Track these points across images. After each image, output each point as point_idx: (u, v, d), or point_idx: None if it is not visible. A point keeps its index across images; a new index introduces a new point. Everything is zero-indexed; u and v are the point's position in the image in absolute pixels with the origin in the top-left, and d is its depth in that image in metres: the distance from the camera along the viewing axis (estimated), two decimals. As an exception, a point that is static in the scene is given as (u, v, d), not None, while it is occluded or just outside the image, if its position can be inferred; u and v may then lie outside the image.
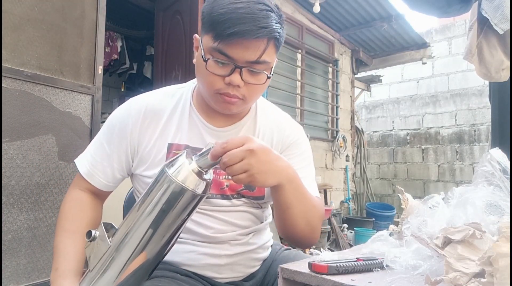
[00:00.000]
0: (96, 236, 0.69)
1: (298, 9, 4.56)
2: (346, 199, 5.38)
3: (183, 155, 0.69)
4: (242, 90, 0.80)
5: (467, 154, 5.83)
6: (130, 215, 0.69)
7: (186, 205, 0.67)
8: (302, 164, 0.95)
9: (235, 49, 0.76)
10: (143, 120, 0.89)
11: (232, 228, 0.89)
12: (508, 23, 1.64)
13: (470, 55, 1.81)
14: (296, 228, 0.83)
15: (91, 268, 0.69)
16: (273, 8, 0.78)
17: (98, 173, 0.89)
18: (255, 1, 0.76)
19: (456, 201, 0.64)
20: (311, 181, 0.94)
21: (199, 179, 0.68)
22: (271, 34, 0.76)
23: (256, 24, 0.74)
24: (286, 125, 0.99)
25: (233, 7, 0.74)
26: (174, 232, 0.69)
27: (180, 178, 0.66)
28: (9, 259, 1.64)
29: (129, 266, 0.67)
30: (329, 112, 5.20)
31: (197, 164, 0.68)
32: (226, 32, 0.73)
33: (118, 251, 0.67)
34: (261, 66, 0.80)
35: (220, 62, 0.78)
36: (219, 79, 0.79)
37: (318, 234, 0.88)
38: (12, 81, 1.66)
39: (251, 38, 0.74)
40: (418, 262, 0.61)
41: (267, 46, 0.78)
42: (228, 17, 0.73)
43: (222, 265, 0.89)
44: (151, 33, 3.98)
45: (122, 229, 0.68)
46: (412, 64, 6.03)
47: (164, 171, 0.67)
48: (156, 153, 0.88)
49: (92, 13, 2.00)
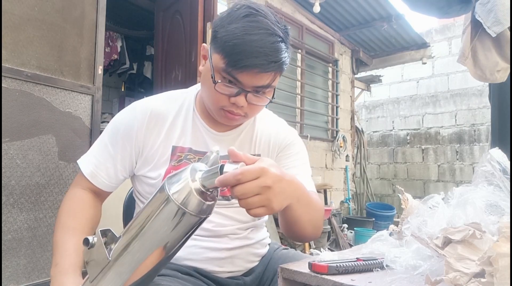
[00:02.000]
0: (93, 244, 0.66)
1: (298, 9, 4.56)
2: (346, 199, 5.38)
3: (187, 171, 0.63)
4: (245, 108, 0.85)
5: (467, 154, 5.84)
6: (129, 230, 0.66)
7: (186, 227, 0.63)
8: (298, 162, 0.99)
9: (245, 77, 0.80)
10: (149, 122, 0.92)
11: (232, 222, 0.93)
12: (500, 26, 1.67)
13: (463, 57, 1.84)
14: (304, 233, 0.86)
15: (91, 279, 0.69)
16: (283, 37, 0.82)
17: (101, 174, 0.91)
18: (268, 33, 0.79)
19: (456, 201, 0.64)
20: (308, 178, 0.98)
21: (202, 201, 0.62)
22: (280, 67, 0.82)
23: (267, 59, 0.78)
24: (282, 129, 1.03)
25: (247, 39, 0.78)
26: (174, 250, 0.67)
27: (181, 200, 0.60)
28: (9, 259, 1.64)
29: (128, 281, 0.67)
30: (329, 112, 5.21)
31: (201, 183, 0.62)
32: (239, 64, 0.78)
33: (117, 267, 0.65)
34: (265, 90, 0.85)
35: (228, 84, 0.82)
36: (225, 98, 0.84)
37: (321, 230, 0.92)
38: (12, 81, 1.66)
39: (262, 71, 0.79)
40: (418, 262, 0.61)
41: (274, 77, 0.84)
42: (242, 49, 0.77)
43: (222, 258, 0.91)
44: (151, 33, 3.98)
45: (121, 243, 0.66)
46: (412, 64, 6.03)
47: (165, 188, 0.61)
48: (161, 155, 0.91)
49: (92, 13, 2.00)
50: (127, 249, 0.65)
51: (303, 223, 0.82)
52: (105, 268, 0.66)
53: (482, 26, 1.75)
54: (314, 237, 0.90)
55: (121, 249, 0.66)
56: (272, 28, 0.80)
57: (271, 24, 0.81)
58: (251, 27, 0.79)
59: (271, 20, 0.81)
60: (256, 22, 0.79)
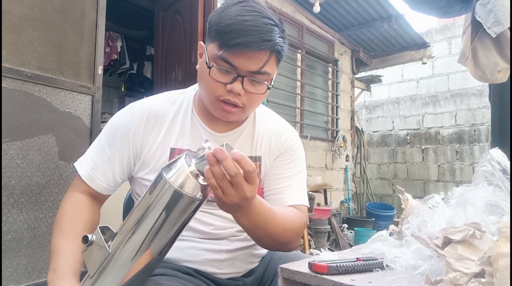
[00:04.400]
0: (93, 241, 0.67)
1: (298, 9, 4.56)
2: (346, 199, 5.38)
3: (182, 158, 0.66)
4: (242, 98, 0.83)
5: (467, 154, 5.84)
6: (128, 220, 0.68)
7: (185, 210, 0.66)
8: (294, 171, 0.98)
9: (239, 58, 0.79)
10: (146, 124, 0.90)
11: (231, 225, 0.91)
12: (500, 26, 1.67)
13: (463, 58, 1.84)
14: (262, 244, 0.86)
15: (91, 275, 0.68)
16: (277, 22, 0.82)
17: (99, 177, 0.89)
18: (261, 15, 0.80)
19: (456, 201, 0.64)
20: (299, 190, 0.96)
21: (198, 183, 0.65)
22: (274, 47, 0.80)
23: (260, 36, 0.77)
24: (283, 131, 1.02)
25: (240, 19, 0.78)
26: (174, 235, 0.68)
27: (178, 183, 0.63)
28: (9, 259, 1.64)
29: (130, 272, 0.67)
30: (329, 112, 5.20)
31: (196, 167, 0.66)
32: (232, 42, 0.77)
33: (118, 258, 0.66)
34: (262, 77, 0.83)
35: (224, 70, 0.81)
36: (220, 86, 0.82)
37: (293, 246, 0.90)
38: (12, 81, 1.66)
39: (255, 49, 0.78)
40: (418, 262, 0.61)
41: (269, 58, 0.81)
42: (235, 28, 0.77)
43: (222, 260, 0.91)
44: (151, 33, 3.98)
45: (121, 235, 0.67)
46: (412, 64, 6.03)
47: (162, 175, 0.65)
48: (159, 158, 0.90)
49: (92, 13, 2.00)
50: (127, 238, 0.66)
51: (256, 235, 0.81)
52: (105, 262, 0.66)
53: (483, 27, 1.75)
54: (281, 249, 0.91)
55: (121, 239, 0.66)
56: (265, 12, 0.81)
57: (264, 10, 0.82)
58: (244, 10, 0.80)
59: (264, 7, 0.83)
60: (249, 7, 0.81)
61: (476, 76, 1.86)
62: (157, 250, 0.68)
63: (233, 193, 0.65)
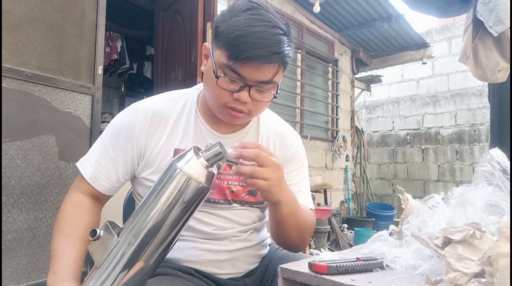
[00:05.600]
0: (100, 235, 0.70)
1: (298, 9, 4.56)
2: (346, 199, 5.38)
3: (191, 151, 0.74)
4: (248, 105, 0.84)
5: (467, 154, 5.83)
6: (139, 209, 0.72)
7: (195, 196, 0.73)
8: (299, 177, 1.01)
9: (248, 70, 0.79)
10: (151, 124, 0.90)
11: (232, 225, 0.92)
12: (502, 25, 1.67)
13: (465, 57, 1.84)
14: (289, 239, 0.92)
15: (98, 265, 0.69)
16: (285, 31, 0.82)
17: (102, 177, 0.89)
18: (270, 25, 0.79)
19: (456, 201, 0.64)
20: (307, 195, 1.01)
21: (206, 172, 0.73)
22: (283, 59, 0.81)
23: (270, 49, 0.77)
24: (288, 137, 1.03)
25: (249, 30, 0.77)
26: (182, 223, 0.74)
27: (189, 170, 0.71)
28: (9, 259, 1.64)
29: (141, 259, 0.70)
30: (329, 112, 5.20)
31: (204, 158, 0.74)
32: (242, 56, 0.77)
33: (130, 245, 0.70)
34: (269, 86, 0.83)
35: (231, 79, 0.81)
36: (227, 93, 0.82)
37: (308, 243, 0.98)
38: (12, 81, 1.66)
39: (265, 63, 0.78)
40: (418, 262, 0.61)
41: (278, 70, 0.82)
42: (244, 40, 0.76)
43: (223, 261, 0.91)
44: (151, 33, 3.97)
45: (132, 223, 0.71)
46: (412, 64, 6.03)
47: (174, 164, 0.73)
48: (163, 158, 0.89)
49: (92, 13, 2.00)
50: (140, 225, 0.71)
51: (288, 227, 0.87)
52: (115, 249, 0.70)
53: (484, 26, 1.75)
54: (299, 244, 0.94)
55: (133, 226, 0.71)
56: (274, 21, 0.80)
57: (273, 17, 0.81)
58: (254, 19, 0.78)
59: (273, 14, 0.82)
60: (258, 15, 0.79)
61: (476, 75, 1.86)
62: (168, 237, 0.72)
63: (267, 170, 0.75)
